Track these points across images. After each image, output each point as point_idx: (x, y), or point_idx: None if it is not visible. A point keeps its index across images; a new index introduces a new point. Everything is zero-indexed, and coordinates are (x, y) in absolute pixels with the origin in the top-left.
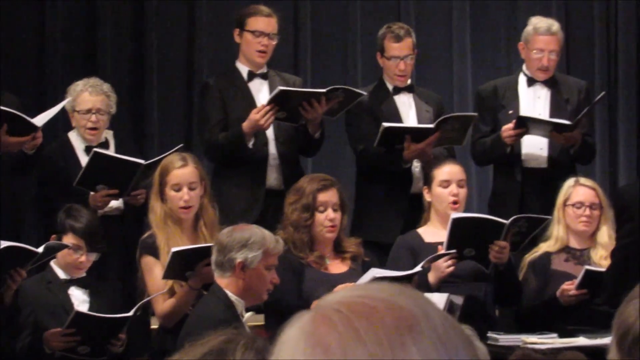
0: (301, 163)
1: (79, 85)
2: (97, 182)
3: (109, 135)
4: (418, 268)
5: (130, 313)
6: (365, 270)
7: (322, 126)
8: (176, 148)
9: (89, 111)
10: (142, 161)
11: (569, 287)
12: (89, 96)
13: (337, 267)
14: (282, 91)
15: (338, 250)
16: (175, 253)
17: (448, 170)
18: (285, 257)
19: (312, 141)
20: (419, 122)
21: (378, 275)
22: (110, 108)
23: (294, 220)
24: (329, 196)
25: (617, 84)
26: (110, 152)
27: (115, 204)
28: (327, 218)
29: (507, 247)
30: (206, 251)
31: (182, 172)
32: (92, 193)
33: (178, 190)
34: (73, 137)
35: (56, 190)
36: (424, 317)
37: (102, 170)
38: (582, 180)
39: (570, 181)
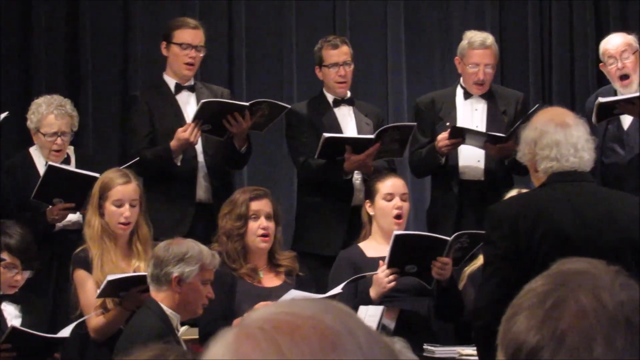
0: (237, 176)
1: (42, 105)
2: (54, 196)
3: (70, 150)
4: (338, 289)
5: (67, 334)
6: (299, 284)
7: (249, 140)
8: (132, 161)
9: (54, 134)
10: (97, 175)
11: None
12: (54, 119)
13: (270, 280)
14: (204, 103)
15: (272, 263)
16: (110, 282)
17: (391, 184)
18: (217, 271)
19: (238, 155)
20: (359, 134)
21: (297, 297)
22: (74, 127)
23: (228, 230)
24: (262, 205)
25: (552, 96)
26: (71, 167)
27: (74, 217)
28: (260, 226)
29: (450, 264)
30: (141, 279)
31: (125, 188)
32: (49, 207)
33: (119, 206)
34: (34, 152)
35: (15, 204)
36: (348, 334)
37: (58, 183)
38: (523, 191)
39: (512, 192)
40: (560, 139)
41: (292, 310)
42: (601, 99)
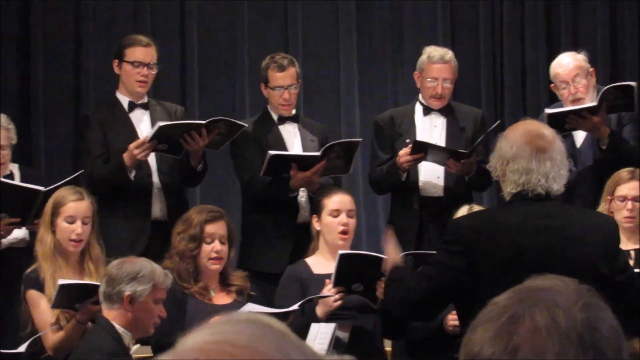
0: (189, 193)
1: None
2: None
3: (14, 168)
4: (295, 307)
5: (22, 350)
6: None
7: (204, 158)
8: (77, 174)
9: None
10: (41, 188)
11: (454, 317)
12: None
13: (221, 299)
14: (161, 127)
15: (224, 282)
16: (62, 286)
17: (338, 200)
18: (169, 288)
19: (194, 173)
20: (305, 151)
21: (252, 312)
22: (12, 140)
23: (180, 250)
24: (217, 228)
25: (503, 113)
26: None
27: (20, 234)
28: (214, 250)
29: None
30: (93, 289)
31: (78, 205)
32: None
33: (71, 222)
34: None
35: None
36: None
37: (1, 198)
38: (476, 207)
39: (463, 209)
40: (532, 167)
41: (228, 338)
42: (549, 110)
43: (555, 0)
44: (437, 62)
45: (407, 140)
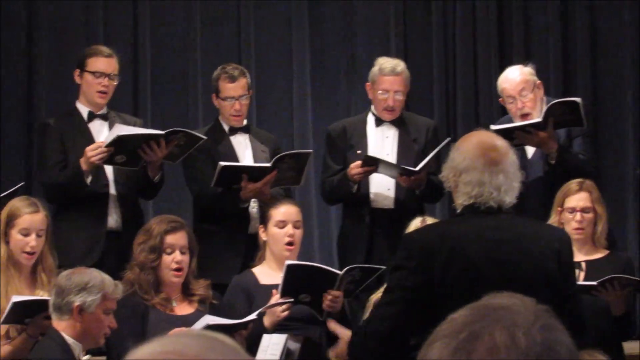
0: (142, 203)
1: None
2: None
3: None
4: (253, 316)
5: None
6: (212, 313)
7: (162, 169)
8: (17, 186)
9: None
10: None
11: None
12: None
13: (183, 309)
14: (119, 137)
15: (186, 293)
16: (15, 304)
17: (284, 211)
18: (130, 299)
19: (151, 184)
20: (256, 162)
21: (211, 323)
22: None
23: (141, 261)
24: (177, 238)
25: (456, 124)
26: None
27: None
28: (174, 260)
29: (341, 297)
30: (45, 304)
31: (33, 218)
32: None
33: (26, 235)
34: None
35: None
36: None
37: None
38: (428, 219)
39: (416, 220)
40: (485, 180)
41: (177, 348)
42: (494, 127)
43: (507, 11)
44: (388, 74)
45: (358, 152)
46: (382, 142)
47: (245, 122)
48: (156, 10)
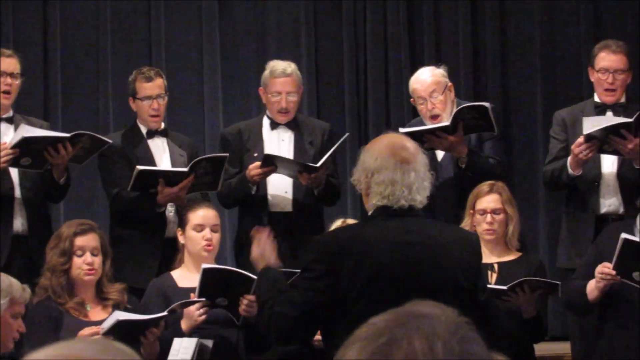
0: (54, 207)
1: None
2: None
3: None
4: (164, 312)
5: None
6: None
7: (68, 172)
8: None
9: None
10: None
11: None
12: None
13: (97, 313)
14: (24, 138)
15: (100, 296)
16: None
17: (202, 215)
18: (43, 304)
19: (57, 187)
20: (173, 166)
21: (122, 319)
22: None
23: (52, 266)
24: (87, 240)
25: (367, 125)
26: None
27: None
28: (85, 262)
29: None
30: None
31: None
32: None
33: None
34: None
35: None
36: None
37: None
38: (349, 221)
39: (337, 222)
40: (397, 179)
41: (72, 352)
42: (403, 129)
43: (418, 12)
44: (279, 76)
45: (255, 154)
46: (278, 145)
47: (163, 125)
48: (65, 11)
